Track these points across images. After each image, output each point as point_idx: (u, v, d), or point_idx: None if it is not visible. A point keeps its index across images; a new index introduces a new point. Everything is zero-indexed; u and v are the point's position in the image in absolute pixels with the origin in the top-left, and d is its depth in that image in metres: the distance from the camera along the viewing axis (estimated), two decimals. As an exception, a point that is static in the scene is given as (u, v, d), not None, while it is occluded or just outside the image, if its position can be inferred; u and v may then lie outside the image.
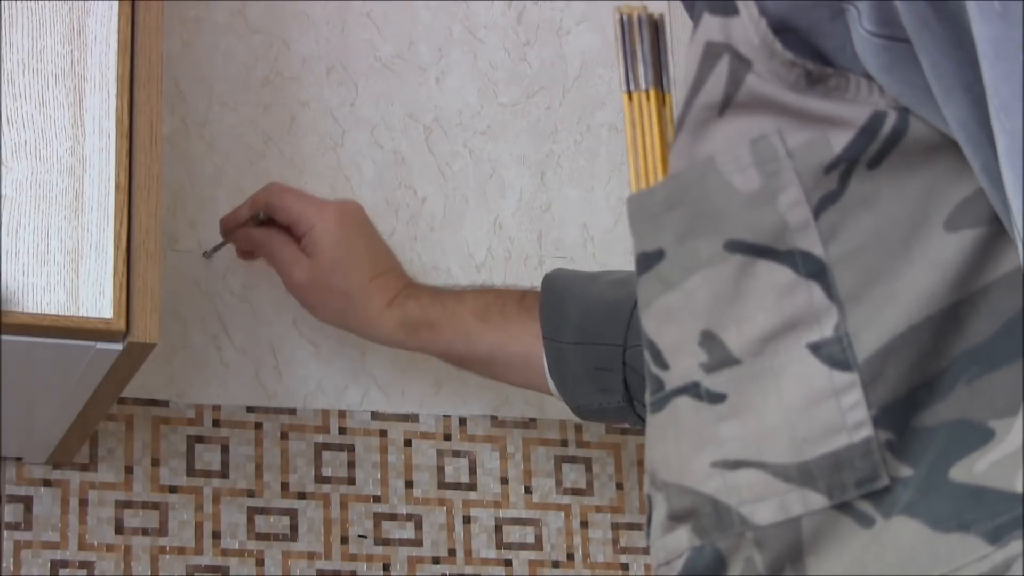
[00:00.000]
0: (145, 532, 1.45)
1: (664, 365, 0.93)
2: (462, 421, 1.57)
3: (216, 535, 1.46)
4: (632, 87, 1.01)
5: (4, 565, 1.40)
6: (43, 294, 1.14)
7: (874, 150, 0.87)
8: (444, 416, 1.56)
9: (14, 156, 1.16)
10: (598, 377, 1.34)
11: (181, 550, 1.45)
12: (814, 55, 0.87)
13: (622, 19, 1.01)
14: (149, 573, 1.44)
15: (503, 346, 1.39)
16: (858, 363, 0.87)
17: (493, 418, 1.58)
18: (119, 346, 1.17)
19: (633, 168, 0.98)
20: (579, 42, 1.69)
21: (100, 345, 1.17)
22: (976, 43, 0.78)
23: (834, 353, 0.87)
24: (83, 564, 1.42)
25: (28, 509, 1.42)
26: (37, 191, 1.16)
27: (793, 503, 0.88)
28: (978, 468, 0.84)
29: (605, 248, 1.64)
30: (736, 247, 0.90)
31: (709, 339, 0.91)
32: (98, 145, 1.18)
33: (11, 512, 1.42)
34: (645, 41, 1.01)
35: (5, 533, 1.41)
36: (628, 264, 1.53)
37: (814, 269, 0.88)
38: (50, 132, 1.18)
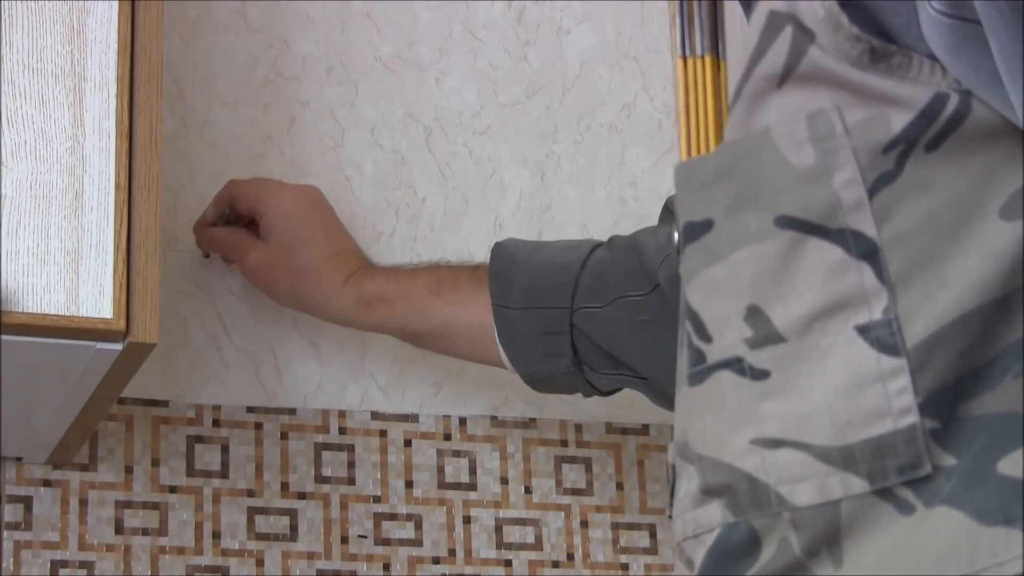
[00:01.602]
0: (145, 532, 1.45)
1: (707, 337, 0.92)
2: (462, 421, 1.57)
3: (216, 535, 1.46)
4: (687, 52, 0.99)
5: (4, 565, 1.40)
6: (43, 294, 1.14)
7: (934, 132, 0.86)
8: (444, 416, 1.56)
9: (14, 156, 1.16)
10: (546, 341, 1.34)
11: (181, 550, 1.45)
12: (878, 31, 0.86)
13: None
14: (149, 573, 1.44)
15: (456, 317, 1.39)
16: (907, 348, 0.86)
17: (493, 418, 1.58)
18: (119, 346, 1.17)
19: (684, 135, 0.97)
20: (579, 42, 1.69)
21: (100, 345, 1.17)
22: None
23: (882, 336, 0.87)
24: (83, 564, 1.42)
25: (28, 509, 1.42)
26: (37, 191, 1.16)
27: (833, 486, 0.87)
28: None
29: (605, 248, 1.63)
30: (787, 223, 0.89)
31: (755, 314, 0.90)
32: (98, 145, 1.18)
33: (11, 512, 1.42)
34: (703, 6, 1.00)
35: (5, 533, 1.41)
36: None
37: (866, 250, 0.87)
38: (50, 132, 1.18)
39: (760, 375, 0.90)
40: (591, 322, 1.32)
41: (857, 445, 0.86)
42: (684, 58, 1.00)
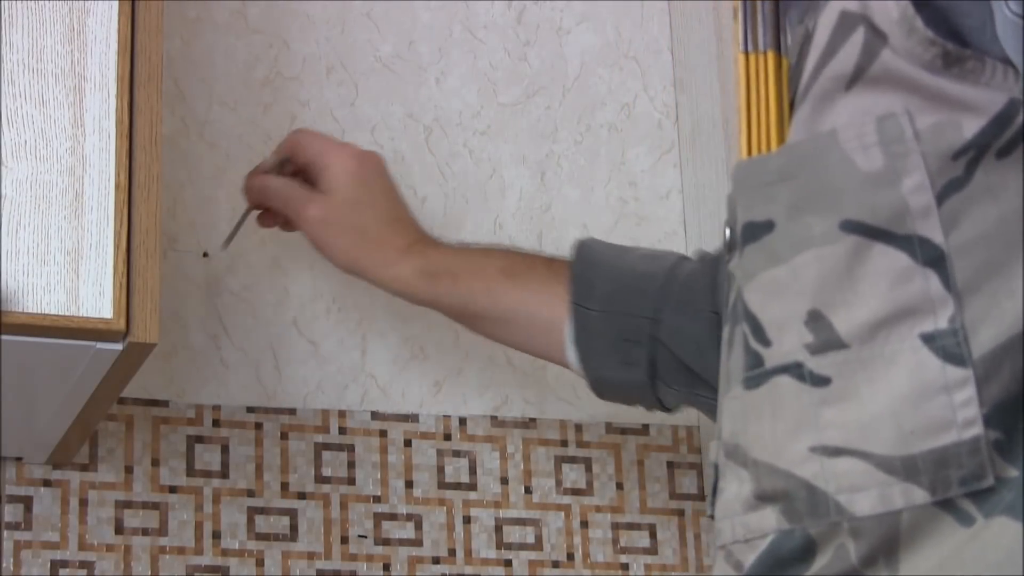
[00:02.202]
0: (145, 532, 1.45)
1: (765, 341, 0.91)
2: (462, 421, 1.57)
3: (216, 535, 1.46)
4: (750, 48, 0.98)
5: (4, 565, 1.40)
6: (43, 294, 1.14)
7: (1006, 139, 0.85)
8: (444, 416, 1.56)
9: (14, 156, 1.16)
10: (624, 349, 1.27)
11: (181, 550, 1.45)
12: (952, 34, 0.85)
13: None
14: (149, 573, 1.44)
15: (526, 305, 1.31)
16: (973, 359, 0.85)
17: (493, 418, 1.58)
18: (119, 346, 1.17)
19: (745, 133, 0.96)
20: (579, 42, 1.69)
21: (100, 345, 1.17)
22: None
23: (948, 346, 0.86)
24: (83, 564, 1.42)
25: (28, 509, 1.42)
26: (37, 191, 1.16)
27: (895, 496, 0.86)
28: None
29: (605, 248, 1.63)
30: (852, 227, 0.88)
31: (816, 319, 0.89)
32: (98, 145, 1.18)
33: (11, 512, 1.42)
34: (767, 1, 0.98)
35: (5, 533, 1.41)
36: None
37: (932, 256, 0.86)
38: (50, 132, 1.18)
39: (821, 381, 0.89)
40: (675, 335, 1.26)
41: (920, 455, 0.86)
42: (747, 53, 0.98)
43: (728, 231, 0.95)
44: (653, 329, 1.26)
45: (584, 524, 1.57)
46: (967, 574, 0.84)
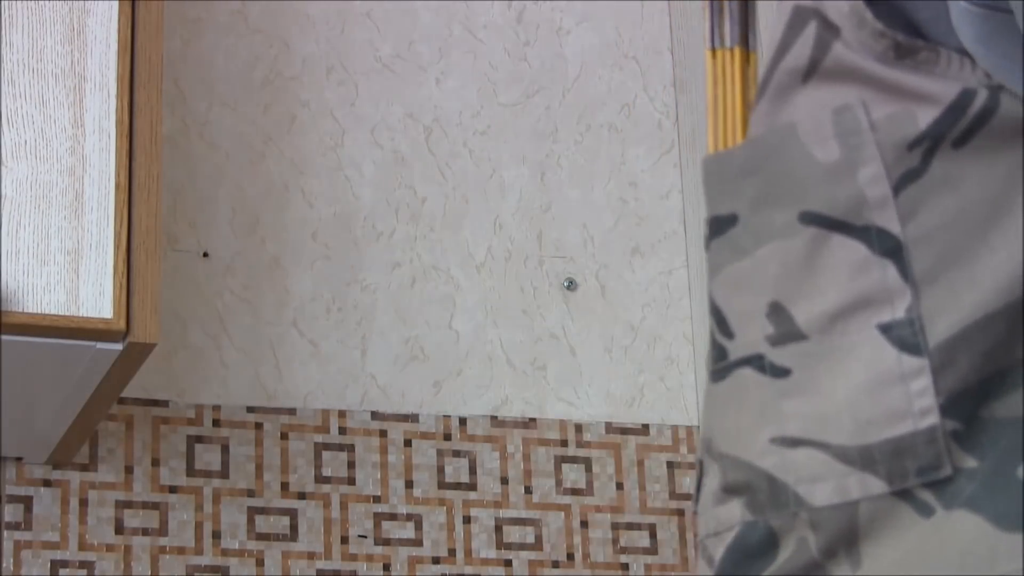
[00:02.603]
0: (145, 532, 1.45)
1: (729, 334, 0.91)
2: (462, 421, 1.57)
3: (216, 535, 1.46)
4: (717, 44, 0.98)
5: (4, 565, 1.40)
6: (43, 294, 1.14)
7: (961, 128, 0.85)
8: (444, 416, 1.56)
9: (14, 156, 1.16)
10: None
11: (181, 550, 1.45)
12: (905, 25, 0.85)
13: None
14: (149, 573, 1.44)
15: None
16: (929, 348, 0.85)
17: (493, 418, 1.58)
18: (119, 346, 1.17)
19: (712, 128, 0.96)
20: (579, 42, 1.69)
21: (100, 345, 1.17)
22: None
23: (905, 336, 0.86)
24: (83, 564, 1.42)
25: (28, 509, 1.42)
26: (37, 191, 1.16)
27: (852, 486, 0.86)
28: None
29: (605, 248, 1.64)
30: (811, 219, 0.88)
31: (777, 311, 0.89)
32: (98, 145, 1.18)
33: (11, 512, 1.42)
34: None
35: (5, 533, 1.41)
36: (626, 262, 1.53)
37: (889, 247, 0.86)
38: (50, 132, 1.18)
39: (781, 373, 0.89)
40: None
41: (876, 445, 0.85)
42: (713, 50, 0.98)
43: (705, 226, 0.95)
44: None
45: (584, 524, 1.57)
46: (929, 568, 0.84)
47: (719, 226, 0.93)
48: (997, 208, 0.86)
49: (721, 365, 0.93)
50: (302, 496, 1.50)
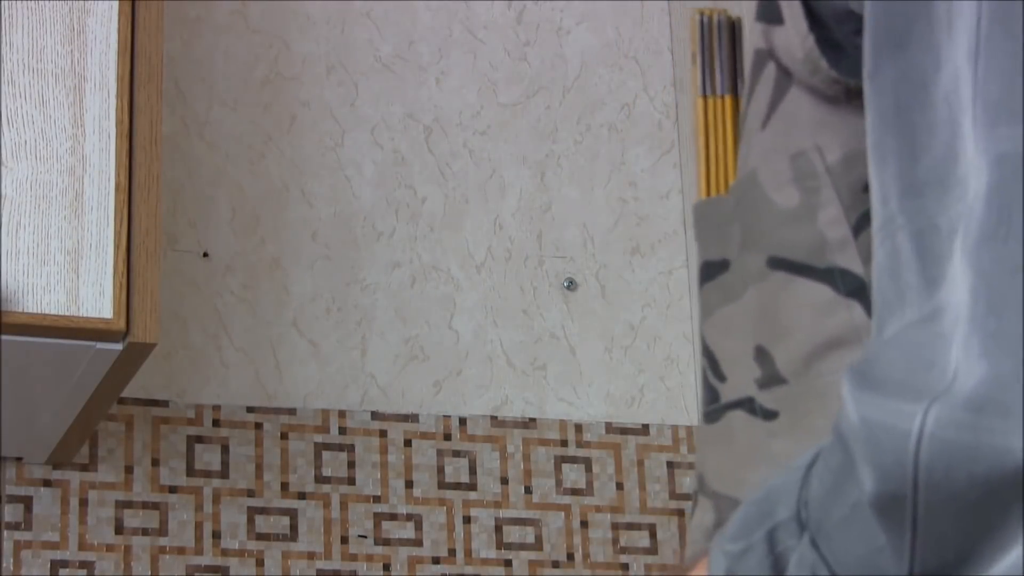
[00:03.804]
0: (145, 532, 1.45)
1: (721, 376, 0.93)
2: (462, 421, 1.57)
3: (216, 535, 1.46)
4: (708, 92, 0.99)
5: (4, 565, 1.40)
6: (43, 294, 1.14)
7: None
8: (444, 416, 1.56)
9: (14, 156, 1.16)
10: None
11: (181, 550, 1.45)
12: (853, 67, 0.86)
13: (702, 20, 0.99)
14: (149, 573, 1.44)
15: None
16: None
17: (493, 418, 1.58)
18: (119, 346, 1.17)
19: (704, 174, 0.97)
20: (579, 42, 1.69)
21: (100, 345, 1.17)
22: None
23: None
24: (83, 564, 1.42)
25: (28, 509, 1.42)
26: (37, 191, 1.16)
27: None
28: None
29: (605, 248, 1.64)
30: (777, 264, 0.89)
31: (762, 355, 0.90)
32: (98, 145, 1.18)
33: (11, 512, 1.42)
34: (723, 46, 0.99)
35: (5, 533, 1.41)
36: (626, 262, 1.53)
37: (854, 287, 0.87)
38: (50, 132, 1.18)
39: (769, 415, 0.90)
40: None
41: None
42: (704, 97, 1.00)
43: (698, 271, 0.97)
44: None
45: (584, 524, 1.57)
46: None
47: (710, 271, 0.95)
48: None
49: (713, 408, 0.95)
50: (302, 496, 1.50)
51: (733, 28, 1.00)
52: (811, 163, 0.89)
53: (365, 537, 1.50)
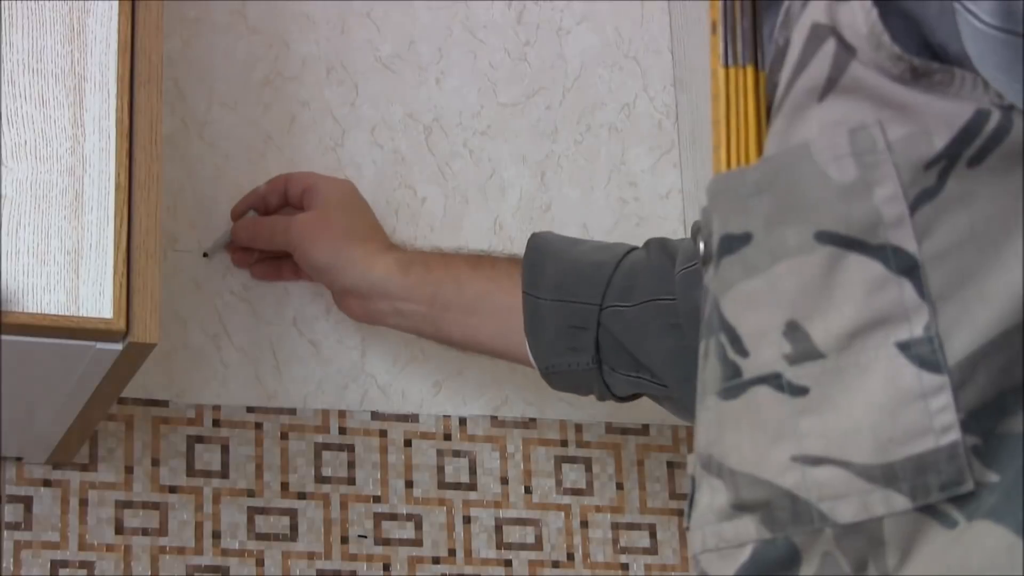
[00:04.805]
0: (145, 532, 1.45)
1: (743, 352, 0.92)
2: (462, 421, 1.57)
3: (216, 535, 1.46)
4: (730, 62, 0.99)
5: (4, 565, 1.40)
6: (43, 294, 1.14)
7: (976, 148, 0.85)
8: (444, 416, 1.56)
9: (14, 156, 1.16)
10: (571, 335, 1.34)
11: (181, 550, 1.45)
12: (920, 46, 0.86)
13: None
14: (149, 573, 1.44)
15: (488, 294, 1.39)
16: (948, 365, 0.86)
17: (493, 418, 1.58)
18: (119, 346, 1.17)
19: (724, 146, 0.97)
20: (579, 42, 1.69)
21: (100, 345, 1.17)
22: None
23: (924, 353, 0.86)
24: (83, 564, 1.42)
25: (28, 509, 1.42)
26: (37, 191, 1.16)
27: (876, 503, 0.87)
28: None
29: (605, 248, 1.63)
30: (827, 238, 0.88)
31: (793, 330, 0.89)
32: (98, 145, 1.18)
33: (11, 512, 1.42)
34: (747, 15, 0.99)
35: (5, 533, 1.41)
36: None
37: (906, 265, 0.87)
38: (50, 132, 1.18)
39: (799, 391, 0.89)
40: (618, 321, 1.32)
41: (899, 463, 0.86)
42: (727, 67, 0.99)
43: (702, 245, 0.96)
44: (599, 315, 1.33)
45: (584, 524, 1.57)
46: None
47: (730, 244, 0.94)
48: (1011, 225, 0.87)
49: (734, 383, 0.94)
50: (302, 496, 1.50)
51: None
52: (871, 138, 0.88)
53: (365, 537, 1.50)
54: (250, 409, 1.51)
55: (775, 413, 0.90)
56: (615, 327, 1.32)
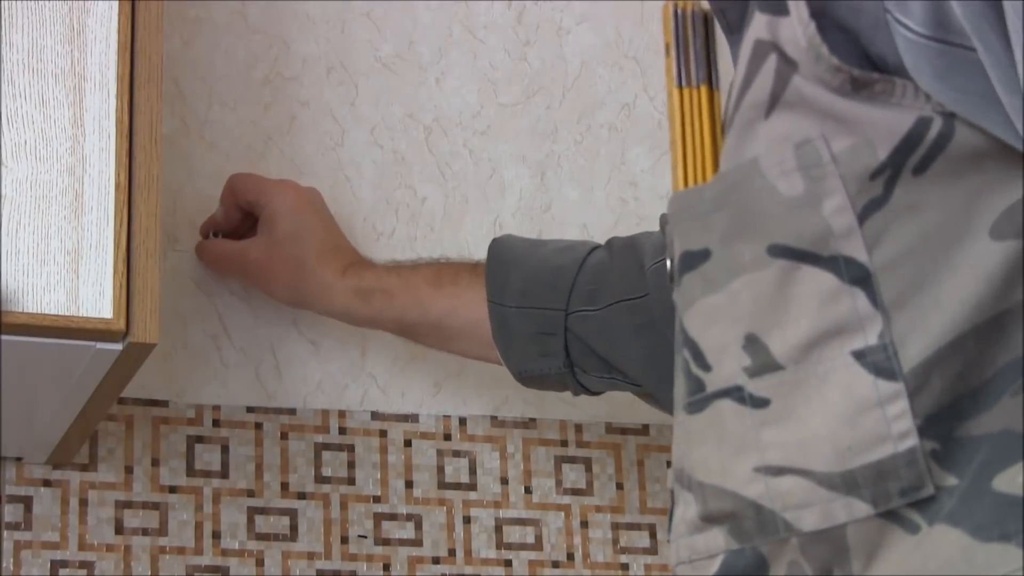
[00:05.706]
0: (145, 532, 1.45)
1: (706, 366, 0.93)
2: (462, 421, 1.57)
3: (216, 535, 1.46)
4: (684, 83, 1.00)
5: (4, 565, 1.40)
6: (43, 294, 1.14)
7: (919, 156, 0.86)
8: (444, 416, 1.56)
9: (14, 156, 1.16)
10: (540, 341, 1.35)
11: (181, 550, 1.45)
12: (862, 57, 0.87)
13: (676, 13, 1.01)
14: (149, 573, 1.44)
15: (454, 311, 1.39)
16: (903, 372, 0.87)
17: (493, 418, 1.58)
18: (119, 346, 1.17)
19: (681, 164, 0.98)
20: (579, 42, 1.69)
21: (100, 345, 1.17)
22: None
23: (879, 361, 0.87)
24: (83, 564, 1.42)
25: (28, 509, 1.42)
26: (37, 191, 1.16)
27: (838, 511, 0.88)
28: (1022, 479, 0.84)
29: (605, 248, 1.63)
30: (779, 252, 0.89)
31: (752, 343, 0.91)
32: (98, 145, 1.18)
33: (11, 512, 1.42)
34: (698, 37, 1.01)
35: (5, 533, 1.41)
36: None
37: (858, 275, 0.88)
38: (50, 132, 1.18)
39: (760, 403, 0.90)
40: (586, 325, 1.33)
41: (859, 470, 0.87)
42: (680, 88, 1.01)
43: (669, 262, 0.97)
44: (565, 320, 1.33)
45: (584, 524, 1.57)
46: None
47: (691, 261, 0.95)
48: (958, 231, 0.88)
49: (698, 397, 0.95)
50: (302, 496, 1.50)
51: (706, 20, 1.01)
52: (816, 151, 0.89)
53: (365, 537, 1.50)
54: (250, 409, 1.51)
55: (738, 425, 0.91)
56: (583, 331, 1.33)
